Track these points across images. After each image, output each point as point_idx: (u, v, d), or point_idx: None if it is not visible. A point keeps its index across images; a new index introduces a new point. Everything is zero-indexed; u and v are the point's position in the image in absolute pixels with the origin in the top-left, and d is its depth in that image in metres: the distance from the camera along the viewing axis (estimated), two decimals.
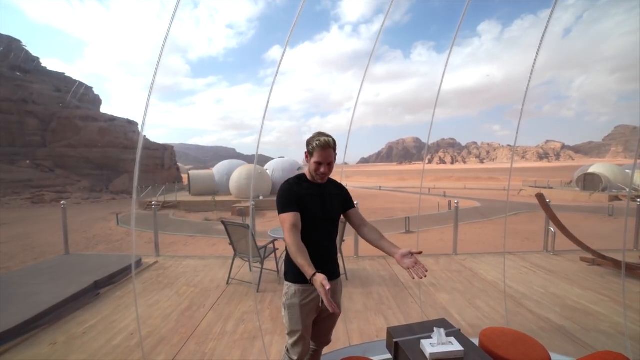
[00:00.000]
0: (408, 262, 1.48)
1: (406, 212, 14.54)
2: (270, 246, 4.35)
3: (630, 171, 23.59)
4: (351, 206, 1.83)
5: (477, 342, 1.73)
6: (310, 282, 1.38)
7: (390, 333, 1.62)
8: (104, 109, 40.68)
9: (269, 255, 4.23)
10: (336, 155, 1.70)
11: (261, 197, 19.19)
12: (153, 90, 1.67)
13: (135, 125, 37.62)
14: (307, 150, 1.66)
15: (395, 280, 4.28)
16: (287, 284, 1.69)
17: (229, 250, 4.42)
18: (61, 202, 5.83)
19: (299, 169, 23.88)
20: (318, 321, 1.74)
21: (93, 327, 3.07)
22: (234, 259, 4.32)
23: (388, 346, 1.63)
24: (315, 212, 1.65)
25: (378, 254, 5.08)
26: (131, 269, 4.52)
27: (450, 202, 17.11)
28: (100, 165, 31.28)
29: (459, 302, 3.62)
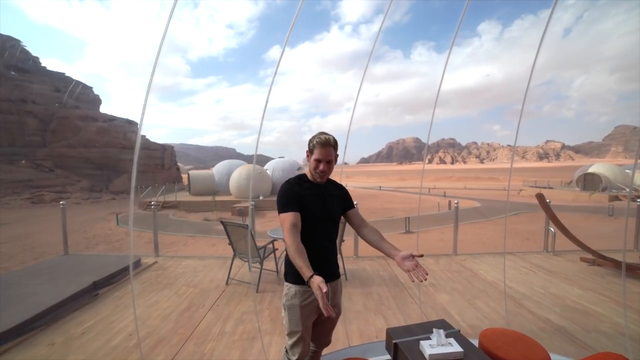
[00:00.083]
0: (408, 265, 1.47)
1: (406, 212, 14.54)
2: (270, 246, 4.34)
3: (630, 171, 23.59)
4: (351, 206, 1.82)
5: (476, 343, 1.73)
6: (307, 284, 1.37)
7: (389, 334, 1.61)
8: (104, 109, 40.77)
9: (268, 255, 4.23)
10: (337, 155, 1.69)
11: (261, 197, 19.19)
12: (153, 90, 1.67)
13: (135, 125, 37.64)
14: (308, 148, 1.66)
15: (395, 281, 4.27)
16: (287, 284, 1.68)
17: (229, 250, 4.41)
18: (60, 203, 5.82)
19: (299, 169, 23.86)
20: (318, 322, 1.73)
21: (91, 328, 3.07)
22: (233, 259, 4.31)
23: (387, 347, 1.63)
24: (316, 212, 1.64)
25: (378, 254, 5.06)
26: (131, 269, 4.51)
27: (450, 202, 17.10)
28: (100, 165, 31.32)
29: (458, 302, 3.61)
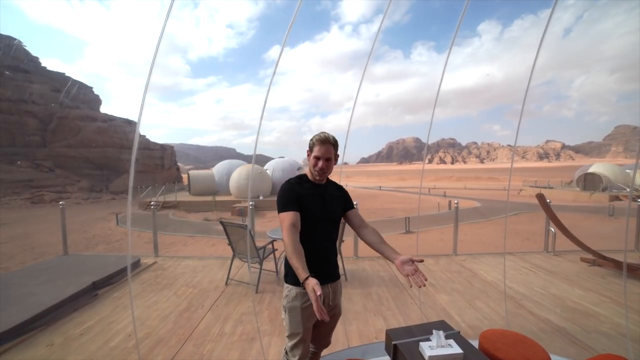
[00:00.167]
0: (408, 269, 1.46)
1: (406, 212, 14.54)
2: (269, 247, 4.33)
3: (630, 171, 23.58)
4: (351, 207, 1.81)
5: (476, 344, 1.72)
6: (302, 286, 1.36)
7: (389, 335, 1.60)
8: (103, 109, 40.76)
9: (267, 255, 4.22)
10: (337, 155, 1.69)
11: (261, 197, 19.18)
12: (153, 90, 1.66)
13: (135, 125, 37.63)
14: (309, 147, 1.67)
15: (395, 281, 4.26)
16: (287, 286, 1.66)
17: (228, 250, 4.40)
18: (60, 203, 5.82)
19: (299, 169, 23.86)
20: (318, 324, 1.71)
21: (90, 329, 3.06)
22: (232, 260, 4.30)
23: (387, 348, 1.62)
24: (316, 212, 1.64)
25: (377, 255, 5.06)
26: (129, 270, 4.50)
27: (450, 202, 17.10)
28: (99, 165, 31.31)
29: (458, 303, 3.60)
